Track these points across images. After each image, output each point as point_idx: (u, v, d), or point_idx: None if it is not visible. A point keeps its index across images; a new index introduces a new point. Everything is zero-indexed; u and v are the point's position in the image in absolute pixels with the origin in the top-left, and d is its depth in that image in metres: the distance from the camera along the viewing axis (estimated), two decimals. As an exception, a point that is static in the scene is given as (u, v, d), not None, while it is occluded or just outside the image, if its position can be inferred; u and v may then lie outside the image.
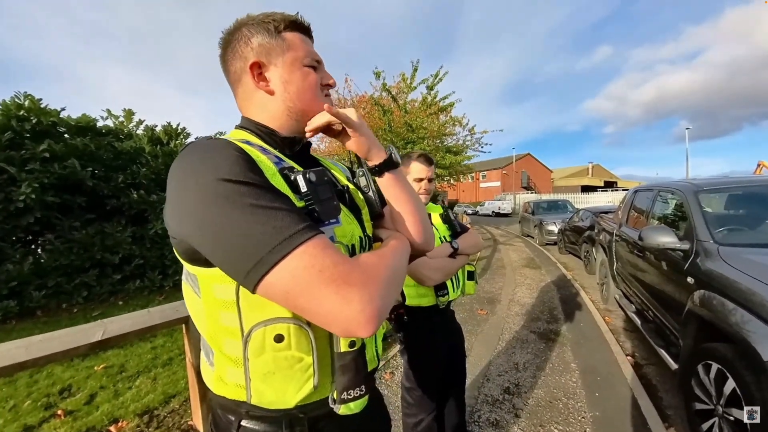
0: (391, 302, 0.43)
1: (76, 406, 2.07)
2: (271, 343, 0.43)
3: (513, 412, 1.86)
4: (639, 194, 3.15)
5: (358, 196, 0.61)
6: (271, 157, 0.47)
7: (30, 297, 3.65)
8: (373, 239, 0.60)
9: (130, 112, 4.95)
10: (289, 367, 0.44)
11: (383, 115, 7.67)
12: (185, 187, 0.40)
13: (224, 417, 0.50)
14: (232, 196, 0.37)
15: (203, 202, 0.38)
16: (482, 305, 3.73)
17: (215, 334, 0.46)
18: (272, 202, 0.39)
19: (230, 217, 0.37)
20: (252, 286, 0.37)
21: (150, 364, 2.55)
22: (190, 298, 0.49)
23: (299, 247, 0.37)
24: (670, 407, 1.87)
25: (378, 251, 0.48)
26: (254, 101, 0.53)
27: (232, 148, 0.42)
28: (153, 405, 2.03)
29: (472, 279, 1.33)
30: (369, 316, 0.37)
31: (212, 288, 0.44)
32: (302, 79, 0.52)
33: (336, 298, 0.36)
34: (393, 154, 0.57)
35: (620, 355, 2.44)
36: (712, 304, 1.53)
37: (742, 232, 1.93)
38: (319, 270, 0.37)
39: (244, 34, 0.51)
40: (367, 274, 0.40)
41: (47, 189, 3.81)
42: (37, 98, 4.01)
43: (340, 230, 0.49)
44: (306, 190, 0.45)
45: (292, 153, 0.55)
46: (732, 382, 1.34)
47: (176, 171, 0.42)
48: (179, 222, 0.41)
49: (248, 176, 0.39)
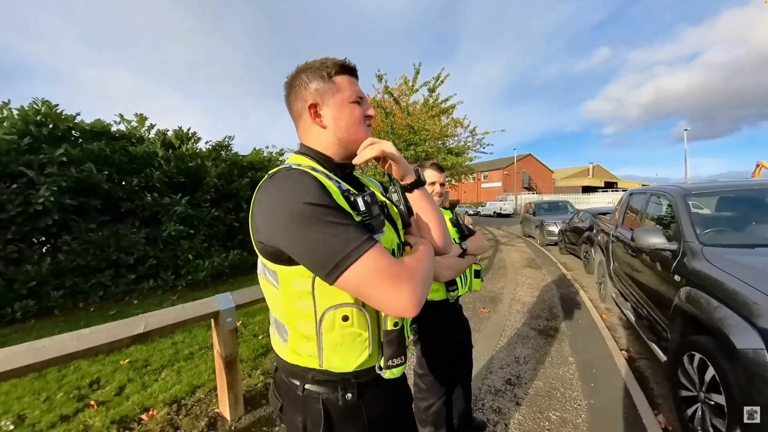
0: (426, 293, 0.56)
1: (107, 397, 2.18)
2: (340, 322, 0.57)
3: (514, 401, 2.01)
4: (634, 196, 3.30)
5: (393, 210, 0.74)
6: (333, 181, 0.60)
7: (48, 296, 3.77)
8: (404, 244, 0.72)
9: (143, 117, 5.09)
10: (352, 340, 0.58)
11: (385, 118, 7.79)
12: (278, 208, 0.53)
13: (290, 382, 0.63)
14: (316, 215, 0.51)
15: (295, 220, 0.51)
16: (485, 304, 3.87)
17: (291, 316, 0.59)
18: (343, 219, 0.52)
19: (315, 231, 0.51)
20: (332, 281, 0.51)
21: (172, 358, 2.68)
22: (268, 290, 0.63)
23: (366, 253, 0.51)
24: (660, 396, 2.01)
25: (415, 255, 0.61)
26: (312, 134, 0.67)
27: (310, 177, 0.55)
28: (180, 395, 2.16)
29: (478, 277, 1.45)
30: (414, 303, 0.51)
31: (291, 281, 0.57)
32: (349, 114, 0.65)
33: (392, 290, 0.51)
34: (421, 175, 0.72)
35: (615, 349, 2.58)
36: (696, 299, 1.66)
37: (726, 233, 2.07)
38: (380, 270, 0.51)
39: (303, 80, 0.65)
40: (411, 272, 0.54)
41: (64, 192, 3.94)
42: (53, 104, 4.15)
43: (384, 238, 0.62)
44: (364, 209, 0.58)
45: (344, 175, 0.69)
46: (712, 370, 1.47)
47: (268, 195, 0.55)
48: (273, 234, 0.54)
49: (324, 199, 0.53)
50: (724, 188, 2.43)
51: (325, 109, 0.64)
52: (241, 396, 2.00)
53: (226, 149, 5.93)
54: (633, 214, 3.14)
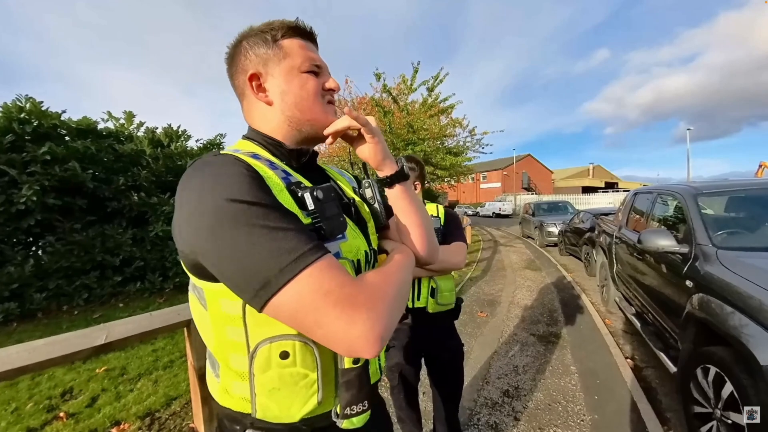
0: (396, 321, 0.42)
1: (77, 408, 2.07)
2: (277, 359, 0.43)
3: (512, 415, 1.87)
4: (639, 196, 3.16)
5: (364, 209, 0.60)
6: (278, 171, 0.47)
7: (31, 299, 3.65)
8: (378, 251, 0.60)
9: (131, 114, 4.97)
10: (294, 383, 0.44)
11: (384, 117, 7.68)
12: (194, 206, 0.40)
13: (230, 426, 0.50)
14: (240, 216, 0.37)
15: (211, 222, 0.38)
16: (482, 308, 3.74)
17: (221, 347, 0.46)
18: (279, 221, 0.39)
19: (238, 237, 0.37)
20: (259, 307, 0.38)
21: (151, 366, 2.55)
22: (196, 310, 0.49)
23: (306, 269, 0.37)
24: (669, 410, 1.87)
25: (383, 269, 0.47)
26: (256, 113, 0.53)
27: (241, 166, 0.42)
28: (154, 407, 2.04)
29: (433, 297, 1.20)
30: (374, 337, 0.37)
31: (219, 302, 0.44)
32: (300, 87, 0.51)
33: (342, 320, 0.36)
34: (405, 166, 0.56)
35: (620, 357, 2.45)
36: (711, 307, 1.53)
37: (741, 235, 1.94)
38: (326, 292, 0.37)
39: (244, 47, 0.51)
40: (372, 294, 0.40)
41: (48, 191, 3.81)
42: (38, 101, 4.03)
43: (346, 245, 0.49)
44: (313, 208, 0.45)
45: (299, 165, 0.55)
46: (730, 386, 1.34)
47: (185, 189, 0.42)
48: (188, 239, 0.41)
49: (256, 195, 0.39)
50: (736, 187, 2.30)
51: (270, 81, 0.51)
52: (218, 410, 1.86)
53: (218, 147, 5.80)
54: (638, 214, 3.01)
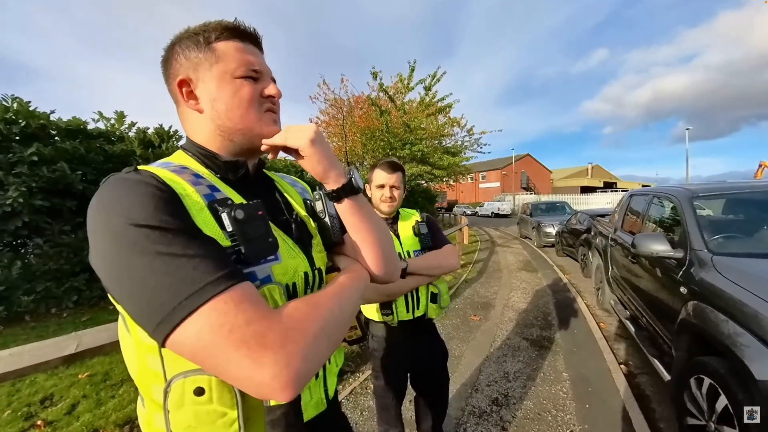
0: (321, 358, 0.39)
1: (56, 416, 2.02)
2: (191, 396, 0.39)
3: (500, 425, 1.81)
4: (635, 198, 3.10)
5: (310, 224, 0.57)
6: (202, 188, 0.44)
7: (18, 302, 3.61)
8: (330, 268, 0.57)
9: (122, 114, 4.90)
10: (211, 422, 0.40)
11: (380, 116, 7.62)
12: (96, 229, 0.38)
13: None
14: (140, 242, 0.35)
15: (113, 248, 0.36)
16: (476, 311, 3.68)
17: (144, 377, 0.43)
18: (186, 248, 0.36)
19: (137, 266, 0.35)
20: (160, 342, 0.35)
21: (134, 372, 2.51)
22: (122, 336, 0.46)
23: (208, 302, 0.34)
24: (662, 419, 1.82)
25: (314, 297, 0.44)
26: (189, 122, 0.50)
27: (150, 185, 0.39)
28: (134, 415, 1.99)
29: (435, 302, 1.15)
30: (285, 382, 0.34)
31: (138, 329, 0.41)
32: (232, 94, 0.47)
33: (246, 362, 0.33)
34: (354, 179, 0.52)
35: (613, 363, 2.39)
36: (706, 316, 1.47)
37: (738, 240, 1.87)
38: (229, 330, 0.34)
39: (176, 50, 0.48)
40: (288, 331, 0.36)
41: (36, 193, 3.75)
42: (26, 101, 3.96)
43: (279, 267, 0.46)
44: (231, 230, 0.41)
45: (236, 177, 0.51)
46: (724, 399, 1.29)
47: (92, 209, 0.39)
48: (95, 263, 0.39)
49: (161, 219, 0.36)
50: (733, 190, 2.23)
51: (200, 87, 0.48)
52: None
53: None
54: (634, 216, 2.94)
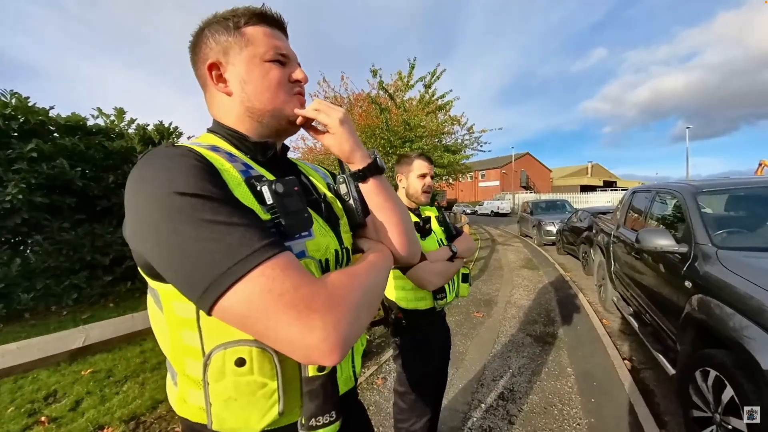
0: (362, 326, 0.40)
1: (60, 412, 2.01)
2: (232, 367, 0.40)
3: (507, 419, 1.82)
4: (637, 195, 3.11)
5: (337, 205, 0.59)
6: (237, 165, 0.45)
7: (18, 299, 3.58)
8: (353, 250, 0.58)
9: (122, 111, 4.86)
10: (251, 393, 0.40)
11: (380, 114, 7.60)
12: (139, 199, 0.38)
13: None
14: (186, 210, 0.35)
15: (157, 216, 0.36)
16: (478, 308, 3.69)
17: (177, 353, 0.44)
18: (230, 216, 0.36)
19: (183, 233, 0.35)
20: (207, 309, 0.35)
21: (138, 368, 2.49)
22: (153, 314, 0.47)
23: (257, 268, 0.34)
24: (668, 413, 1.83)
25: (350, 269, 0.45)
26: (218, 104, 0.52)
27: (192, 158, 0.40)
28: (140, 411, 1.98)
29: (466, 281, 1.32)
30: (333, 345, 0.35)
31: (172, 305, 0.42)
32: (261, 76, 0.49)
33: (296, 326, 0.34)
34: (378, 159, 0.55)
35: (617, 359, 2.41)
36: (711, 309, 1.49)
37: (742, 234, 1.89)
38: (279, 294, 0.34)
39: (205, 35, 0.50)
40: (333, 297, 0.37)
41: (35, 189, 3.72)
42: (24, 96, 3.92)
43: (313, 243, 0.47)
44: (272, 202, 0.43)
45: (265, 158, 0.52)
46: (730, 390, 1.30)
47: (132, 182, 0.40)
48: (135, 236, 0.40)
49: (206, 188, 0.37)
50: (736, 186, 2.25)
51: (230, 70, 0.49)
52: (205, 414, 1.81)
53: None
54: (636, 213, 2.96)
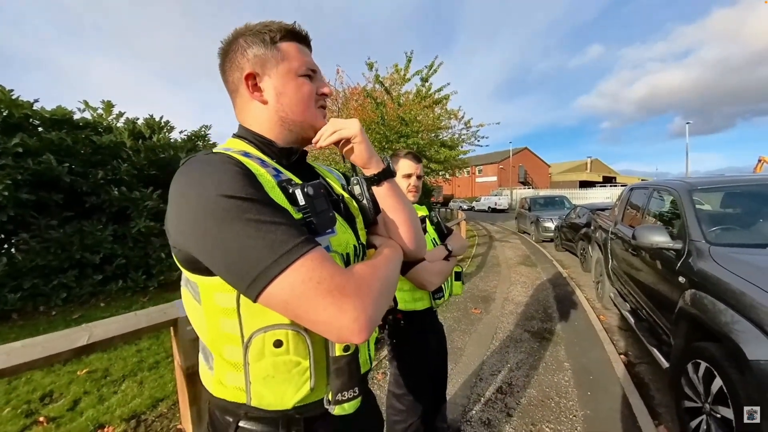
0: (383, 311, 0.46)
1: (58, 412, 1.98)
2: (271, 348, 0.46)
3: (505, 411, 1.87)
4: (635, 192, 3.16)
5: (353, 205, 0.64)
6: (269, 169, 0.49)
7: (5, 299, 3.47)
8: (367, 246, 0.62)
9: (110, 104, 4.70)
10: (287, 370, 0.47)
11: (376, 108, 7.50)
12: (188, 201, 0.42)
13: (222, 419, 0.52)
14: (234, 211, 0.40)
15: (206, 216, 0.41)
16: (476, 304, 3.74)
17: (215, 339, 0.48)
18: (272, 216, 0.42)
19: (232, 231, 0.40)
20: (254, 297, 0.41)
21: (136, 367, 2.46)
22: (190, 305, 0.51)
23: (298, 260, 0.40)
24: (661, 405, 1.89)
25: (371, 261, 0.51)
26: (250, 111, 0.56)
27: (233, 163, 0.44)
28: (140, 410, 1.97)
29: (459, 279, 1.33)
30: (362, 325, 0.40)
31: (213, 296, 0.46)
32: (296, 90, 0.54)
33: (332, 308, 0.40)
34: (390, 164, 0.61)
35: (613, 354, 2.47)
36: (703, 303, 1.53)
37: (735, 231, 1.94)
38: (317, 282, 0.40)
39: (240, 45, 0.53)
40: (360, 284, 0.43)
41: (21, 186, 3.59)
42: (8, 89, 3.75)
43: (335, 240, 0.51)
44: (304, 203, 0.47)
45: (289, 163, 0.57)
46: (719, 381, 1.36)
47: (179, 185, 0.44)
48: (182, 234, 0.44)
49: (248, 191, 0.42)
50: (731, 183, 2.30)
51: (266, 81, 0.54)
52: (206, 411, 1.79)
53: (202, 139, 5.56)
54: (634, 210, 3.01)
